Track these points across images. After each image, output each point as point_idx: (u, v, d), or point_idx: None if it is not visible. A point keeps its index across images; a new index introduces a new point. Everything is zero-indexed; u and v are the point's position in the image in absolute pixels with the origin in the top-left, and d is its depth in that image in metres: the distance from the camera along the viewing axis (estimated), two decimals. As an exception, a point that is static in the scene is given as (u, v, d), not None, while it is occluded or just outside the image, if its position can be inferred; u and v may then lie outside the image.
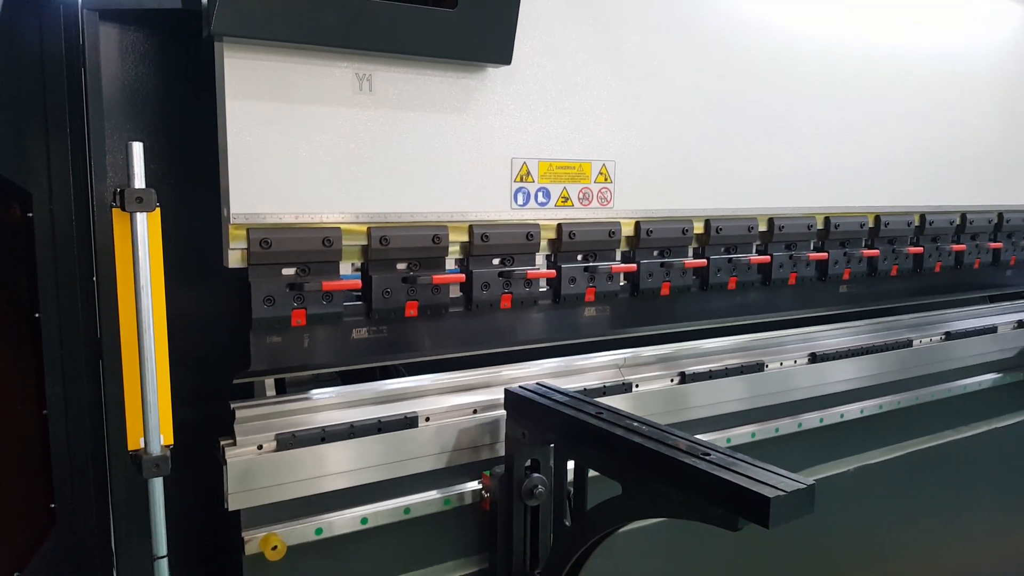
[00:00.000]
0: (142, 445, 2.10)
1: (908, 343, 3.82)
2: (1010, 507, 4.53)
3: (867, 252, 3.59)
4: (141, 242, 2.00)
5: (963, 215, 3.96)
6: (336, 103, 2.34)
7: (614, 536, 2.37)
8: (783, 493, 1.79)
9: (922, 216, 3.79)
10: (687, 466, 1.97)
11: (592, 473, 2.35)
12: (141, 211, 1.99)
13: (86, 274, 2.46)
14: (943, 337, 3.97)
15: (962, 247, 3.96)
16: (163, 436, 2.12)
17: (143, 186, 1.99)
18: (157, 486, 2.12)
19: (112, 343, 2.44)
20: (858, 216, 3.54)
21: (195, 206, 2.53)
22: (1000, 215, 4.12)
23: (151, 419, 2.07)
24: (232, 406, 2.41)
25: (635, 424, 2.25)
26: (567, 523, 2.47)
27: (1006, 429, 4.28)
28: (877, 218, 3.62)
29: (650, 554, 3.07)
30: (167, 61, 2.54)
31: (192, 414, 2.55)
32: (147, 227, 2.00)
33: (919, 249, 3.79)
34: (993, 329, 4.18)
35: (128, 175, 1.99)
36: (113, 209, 2.02)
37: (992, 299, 4.76)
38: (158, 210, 2.04)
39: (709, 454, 2.02)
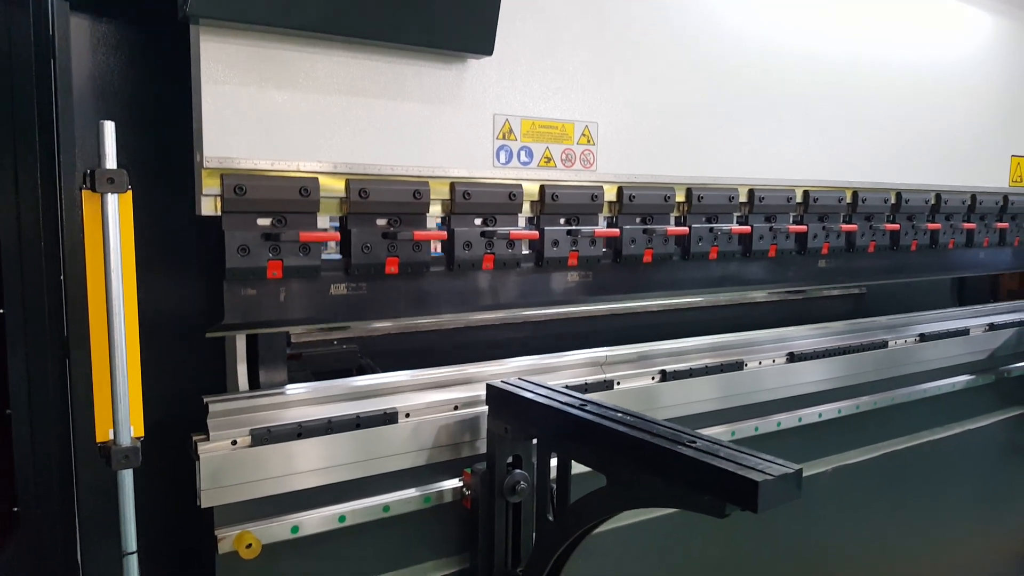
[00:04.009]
0: (111, 437, 2.03)
1: (884, 344, 3.84)
2: (983, 508, 4.56)
3: (845, 227, 3.59)
4: (112, 224, 1.93)
5: (938, 195, 3.97)
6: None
7: (596, 535, 2.33)
8: (771, 477, 1.77)
9: (898, 194, 3.80)
10: (673, 453, 1.94)
11: (575, 471, 2.30)
12: (112, 192, 1.92)
13: (53, 272, 2.39)
14: (918, 338, 4.00)
15: (937, 226, 3.97)
16: (133, 427, 2.04)
17: (115, 166, 1.93)
18: (127, 479, 2.04)
19: (80, 342, 2.37)
20: (836, 191, 3.54)
21: (168, 202, 2.46)
22: (973, 196, 4.14)
23: (121, 408, 1.99)
24: (205, 400, 2.34)
25: (619, 415, 2.22)
26: (550, 518, 2.42)
27: (978, 431, 4.32)
28: (855, 193, 3.62)
29: (631, 554, 3.03)
30: (141, 54, 2.48)
31: (164, 413, 2.46)
32: (118, 209, 1.94)
33: (895, 226, 3.79)
34: (965, 331, 4.22)
35: (99, 155, 1.93)
36: (83, 191, 1.95)
37: (961, 301, 4.83)
38: (130, 192, 1.98)
39: (695, 441, 2.00)
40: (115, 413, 2.00)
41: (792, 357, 3.48)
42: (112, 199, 1.93)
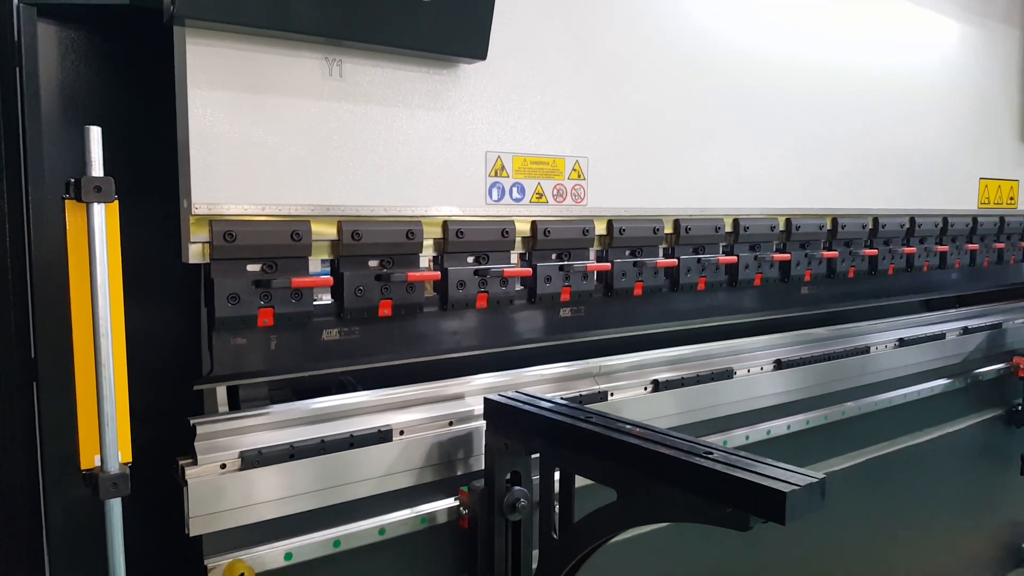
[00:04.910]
0: (97, 463, 1.90)
1: (866, 349, 3.86)
2: (962, 511, 4.60)
3: (826, 254, 3.64)
4: (99, 236, 1.81)
5: (912, 219, 4.06)
6: (304, 91, 2.23)
7: (599, 552, 2.26)
8: (797, 487, 1.71)
9: (875, 219, 3.87)
10: (692, 465, 1.88)
11: (578, 484, 2.24)
12: (99, 202, 1.80)
13: (20, 289, 2.26)
14: (897, 343, 4.03)
15: (912, 250, 4.05)
16: (121, 452, 1.92)
17: (101, 174, 1.81)
18: (115, 508, 1.91)
19: (50, 363, 2.24)
20: (816, 218, 3.59)
21: (140, 217, 2.32)
22: (945, 219, 4.23)
23: (108, 433, 1.86)
24: (192, 422, 2.22)
25: (628, 427, 2.16)
26: (555, 536, 2.34)
27: (955, 435, 4.36)
28: (834, 220, 3.68)
29: (621, 565, 2.96)
30: (111, 63, 2.38)
31: (143, 434, 2.33)
32: (105, 219, 1.82)
33: (874, 251, 3.87)
34: (941, 336, 4.27)
35: (85, 162, 1.81)
36: (67, 201, 1.83)
37: (928, 305, 4.89)
38: (116, 202, 1.86)
39: (711, 452, 1.94)
40: (102, 438, 1.87)
41: (779, 364, 3.47)
42: (99, 209, 1.82)
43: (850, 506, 3.82)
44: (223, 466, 2.18)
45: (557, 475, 2.30)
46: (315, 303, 2.33)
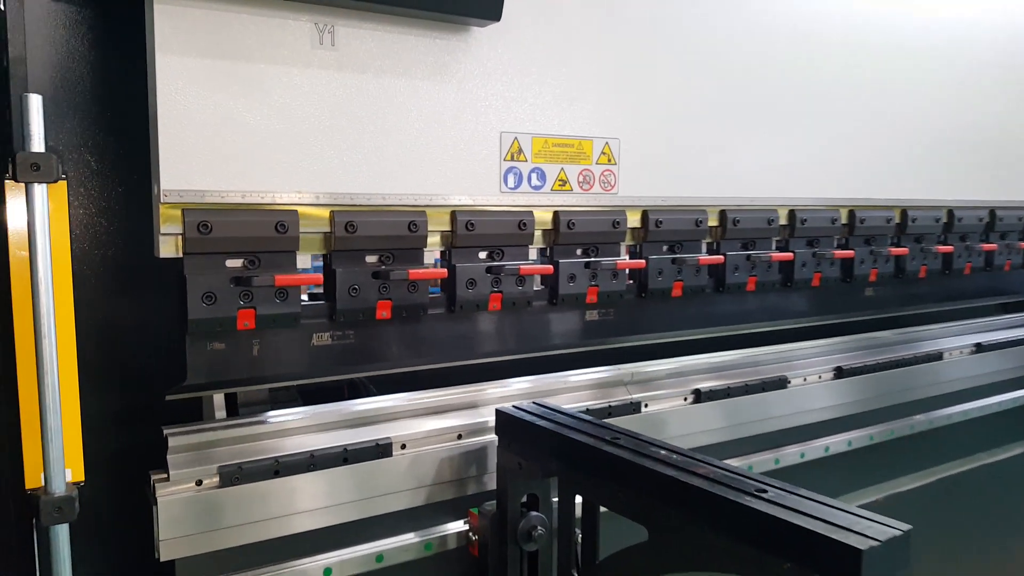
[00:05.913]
0: (43, 483, 1.67)
1: (939, 356, 3.52)
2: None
3: (894, 250, 3.33)
4: (39, 221, 1.59)
5: (992, 211, 3.73)
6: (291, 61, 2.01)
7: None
8: (876, 543, 1.39)
9: (950, 212, 3.56)
10: (740, 506, 1.56)
11: (604, 509, 1.96)
12: (39, 182, 1.57)
13: (4, 283, 2.07)
14: (974, 349, 3.69)
15: (992, 247, 3.73)
16: (71, 470, 1.69)
17: (42, 149, 1.58)
18: (61, 535, 1.69)
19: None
20: (883, 210, 3.28)
21: (134, 201, 2.17)
22: None
23: (53, 449, 1.64)
24: (165, 432, 2.02)
25: (663, 452, 1.85)
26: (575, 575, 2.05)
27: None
28: (904, 213, 3.37)
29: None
30: (104, 36, 2.18)
31: (136, 440, 2.18)
32: (47, 202, 1.59)
33: (948, 248, 3.56)
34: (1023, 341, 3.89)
35: (23, 136, 1.58)
36: (5, 181, 1.60)
37: (1004, 308, 4.49)
38: (63, 183, 1.63)
39: (765, 491, 1.62)
40: (45, 453, 1.65)
41: (840, 372, 3.16)
42: (39, 190, 1.59)
43: (919, 532, 3.43)
44: (199, 482, 1.98)
45: (579, 499, 2.03)
46: (303, 303, 2.14)
